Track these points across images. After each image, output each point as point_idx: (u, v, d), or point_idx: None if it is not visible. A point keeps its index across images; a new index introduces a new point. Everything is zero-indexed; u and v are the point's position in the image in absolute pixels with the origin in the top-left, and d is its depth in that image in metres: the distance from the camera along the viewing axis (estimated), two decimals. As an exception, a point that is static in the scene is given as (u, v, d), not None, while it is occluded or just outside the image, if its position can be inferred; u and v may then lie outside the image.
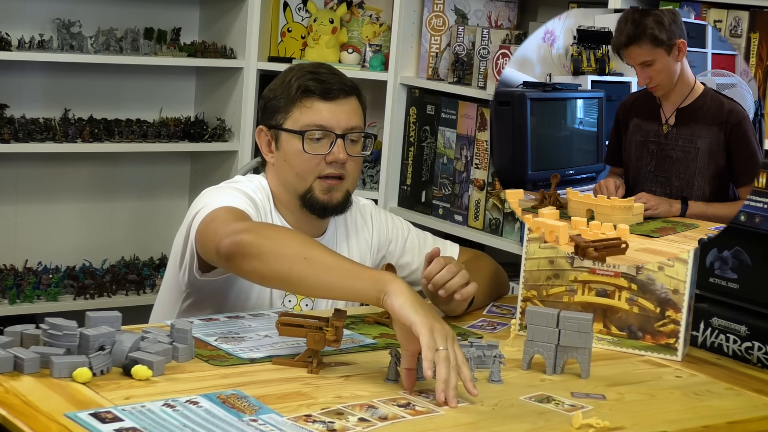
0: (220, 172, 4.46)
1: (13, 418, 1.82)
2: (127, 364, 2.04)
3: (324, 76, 2.56)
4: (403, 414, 1.94)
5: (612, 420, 1.99)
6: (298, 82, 2.54)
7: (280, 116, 2.57)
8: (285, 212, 2.60)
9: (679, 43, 2.51)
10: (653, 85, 2.56)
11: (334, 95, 2.54)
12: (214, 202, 2.42)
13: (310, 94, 2.54)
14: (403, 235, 2.78)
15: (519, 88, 2.75)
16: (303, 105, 2.54)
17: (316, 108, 2.54)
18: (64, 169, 4.44)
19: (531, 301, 2.50)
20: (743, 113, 2.51)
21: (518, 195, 2.68)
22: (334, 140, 2.53)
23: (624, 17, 2.63)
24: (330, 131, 2.53)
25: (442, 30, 4.07)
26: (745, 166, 2.48)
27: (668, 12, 2.65)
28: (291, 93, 2.55)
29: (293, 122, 2.55)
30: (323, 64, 2.65)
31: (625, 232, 2.49)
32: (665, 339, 2.42)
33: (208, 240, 2.35)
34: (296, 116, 2.54)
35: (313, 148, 2.53)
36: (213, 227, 2.34)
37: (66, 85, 4.35)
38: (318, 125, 2.53)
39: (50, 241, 4.45)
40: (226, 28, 4.44)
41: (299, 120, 2.54)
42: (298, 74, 2.57)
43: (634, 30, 2.53)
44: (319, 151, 2.53)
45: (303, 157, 2.53)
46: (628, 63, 2.59)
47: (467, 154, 3.91)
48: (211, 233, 2.33)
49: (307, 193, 2.55)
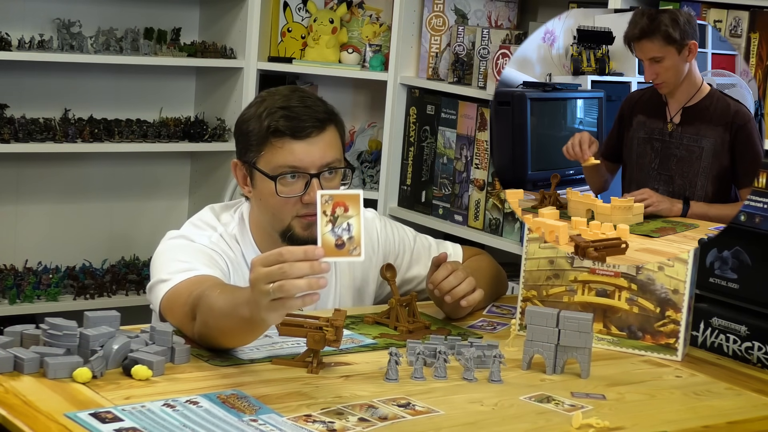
0: (220, 172, 4.45)
1: (13, 418, 1.82)
2: (127, 364, 2.04)
3: (296, 110, 2.44)
4: (403, 414, 1.94)
5: (612, 420, 1.99)
6: (268, 120, 2.44)
7: (252, 154, 2.47)
8: (264, 243, 2.52)
9: (691, 44, 2.51)
10: (659, 82, 2.56)
11: (306, 133, 2.43)
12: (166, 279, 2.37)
13: (280, 133, 2.43)
14: (410, 247, 2.75)
15: (519, 88, 2.75)
16: (274, 146, 2.43)
17: (287, 148, 2.43)
18: (64, 169, 4.44)
19: (531, 301, 2.50)
20: (749, 115, 2.51)
21: (518, 195, 2.68)
22: (308, 180, 2.43)
23: (641, 11, 2.64)
24: (304, 172, 2.43)
25: (442, 30, 4.07)
26: (749, 168, 2.49)
27: (684, 12, 2.66)
28: (262, 132, 2.44)
29: (265, 163, 2.45)
30: (296, 92, 2.52)
31: (625, 232, 2.49)
32: (665, 339, 2.42)
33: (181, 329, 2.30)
34: (268, 157, 2.44)
35: (287, 190, 2.43)
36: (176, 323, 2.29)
37: (66, 85, 4.35)
38: (291, 166, 2.43)
39: (50, 241, 4.44)
40: (226, 28, 4.44)
41: (271, 161, 2.44)
42: (269, 109, 2.45)
43: (648, 24, 2.53)
44: (294, 193, 2.43)
45: (277, 200, 2.44)
46: (637, 56, 2.59)
47: (467, 154, 3.91)
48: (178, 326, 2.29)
49: (287, 231, 2.47)
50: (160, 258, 2.47)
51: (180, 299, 2.31)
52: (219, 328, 2.15)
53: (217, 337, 2.18)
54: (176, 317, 2.31)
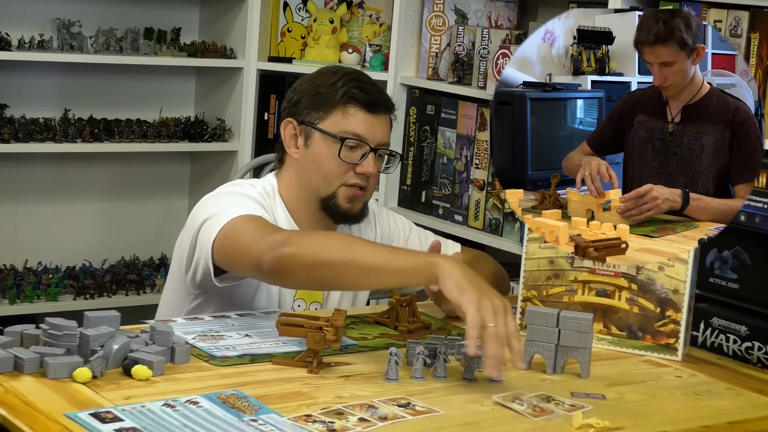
0: (220, 172, 4.46)
1: (13, 418, 1.82)
2: (127, 364, 2.04)
3: (368, 87, 2.57)
4: (403, 414, 1.94)
5: (612, 420, 1.99)
6: (345, 87, 2.54)
7: (316, 114, 2.55)
8: (298, 211, 2.58)
9: (699, 48, 2.51)
10: (666, 85, 2.56)
11: (376, 109, 2.56)
12: (224, 211, 2.39)
13: (356, 102, 2.54)
14: (405, 234, 2.78)
15: (519, 88, 2.75)
16: (346, 111, 2.54)
17: (358, 117, 2.54)
18: (64, 169, 4.44)
19: (531, 301, 2.50)
20: (748, 112, 2.51)
21: (518, 195, 2.68)
22: (367, 152, 2.53)
23: (654, 15, 2.62)
24: (366, 143, 2.53)
25: (442, 30, 4.07)
26: (744, 164, 2.48)
27: (694, 16, 2.65)
28: (335, 96, 2.54)
29: (332, 125, 2.54)
30: (363, 73, 2.65)
31: (625, 232, 2.49)
32: (665, 339, 2.42)
33: (240, 255, 2.32)
34: (336, 120, 2.54)
35: (347, 155, 2.53)
36: (244, 243, 2.31)
37: (66, 85, 4.35)
38: (356, 135, 2.53)
39: (50, 241, 4.45)
40: (226, 28, 4.44)
41: (339, 124, 2.54)
42: (344, 79, 2.56)
43: (664, 30, 2.52)
44: (352, 160, 2.53)
45: (335, 162, 2.53)
46: (646, 60, 2.58)
47: (467, 154, 3.91)
48: (243, 249, 2.31)
49: (331, 198, 2.55)
50: (206, 204, 2.48)
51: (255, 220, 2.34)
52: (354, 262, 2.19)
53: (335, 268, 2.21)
54: (248, 233, 2.30)
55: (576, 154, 2.70)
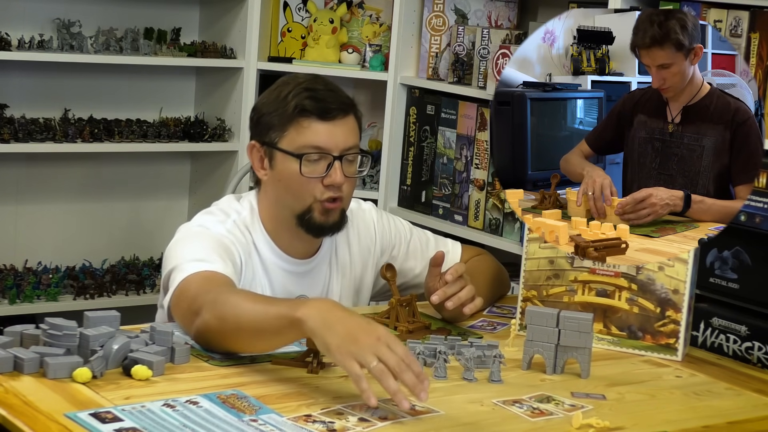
0: (220, 172, 4.46)
1: (13, 418, 1.82)
2: (127, 364, 2.04)
3: (321, 93, 2.45)
4: (403, 414, 1.94)
5: (612, 420, 1.99)
6: (295, 101, 2.43)
7: (274, 134, 2.46)
8: (277, 231, 2.52)
9: (697, 48, 2.51)
10: (666, 87, 2.56)
11: (332, 115, 2.43)
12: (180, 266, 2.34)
13: (308, 113, 2.42)
14: (406, 239, 2.74)
15: (519, 88, 2.75)
16: (300, 125, 2.42)
17: (313, 129, 2.42)
18: (64, 169, 4.44)
19: (531, 301, 2.50)
20: (749, 112, 2.51)
21: (518, 195, 2.68)
22: (331, 162, 2.42)
23: (648, 18, 2.60)
24: (327, 153, 2.42)
25: (442, 30, 4.07)
26: (745, 165, 2.48)
27: (691, 16, 2.64)
28: (287, 111, 2.43)
29: (289, 142, 2.44)
30: (318, 78, 2.53)
31: (625, 232, 2.50)
32: (665, 339, 2.42)
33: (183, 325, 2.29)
34: (292, 136, 2.43)
35: (310, 170, 2.42)
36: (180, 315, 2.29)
37: (66, 85, 4.35)
38: (315, 147, 2.41)
39: (50, 241, 4.44)
40: (226, 28, 4.44)
41: (295, 140, 2.43)
42: (295, 90, 2.46)
43: (659, 32, 2.50)
44: (316, 173, 2.43)
45: (300, 179, 2.43)
46: (644, 63, 2.57)
47: (467, 154, 3.91)
48: (181, 321, 2.29)
49: (306, 213, 2.46)
50: (175, 247, 2.46)
51: (189, 293, 2.28)
52: (242, 329, 2.13)
53: (233, 337, 2.16)
54: (181, 311, 2.29)
55: (574, 156, 2.70)
